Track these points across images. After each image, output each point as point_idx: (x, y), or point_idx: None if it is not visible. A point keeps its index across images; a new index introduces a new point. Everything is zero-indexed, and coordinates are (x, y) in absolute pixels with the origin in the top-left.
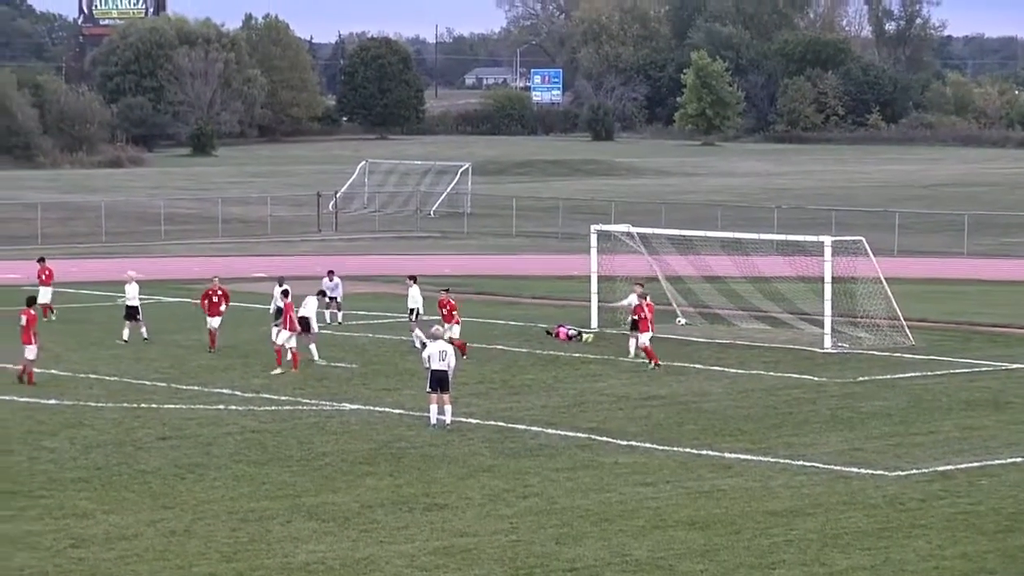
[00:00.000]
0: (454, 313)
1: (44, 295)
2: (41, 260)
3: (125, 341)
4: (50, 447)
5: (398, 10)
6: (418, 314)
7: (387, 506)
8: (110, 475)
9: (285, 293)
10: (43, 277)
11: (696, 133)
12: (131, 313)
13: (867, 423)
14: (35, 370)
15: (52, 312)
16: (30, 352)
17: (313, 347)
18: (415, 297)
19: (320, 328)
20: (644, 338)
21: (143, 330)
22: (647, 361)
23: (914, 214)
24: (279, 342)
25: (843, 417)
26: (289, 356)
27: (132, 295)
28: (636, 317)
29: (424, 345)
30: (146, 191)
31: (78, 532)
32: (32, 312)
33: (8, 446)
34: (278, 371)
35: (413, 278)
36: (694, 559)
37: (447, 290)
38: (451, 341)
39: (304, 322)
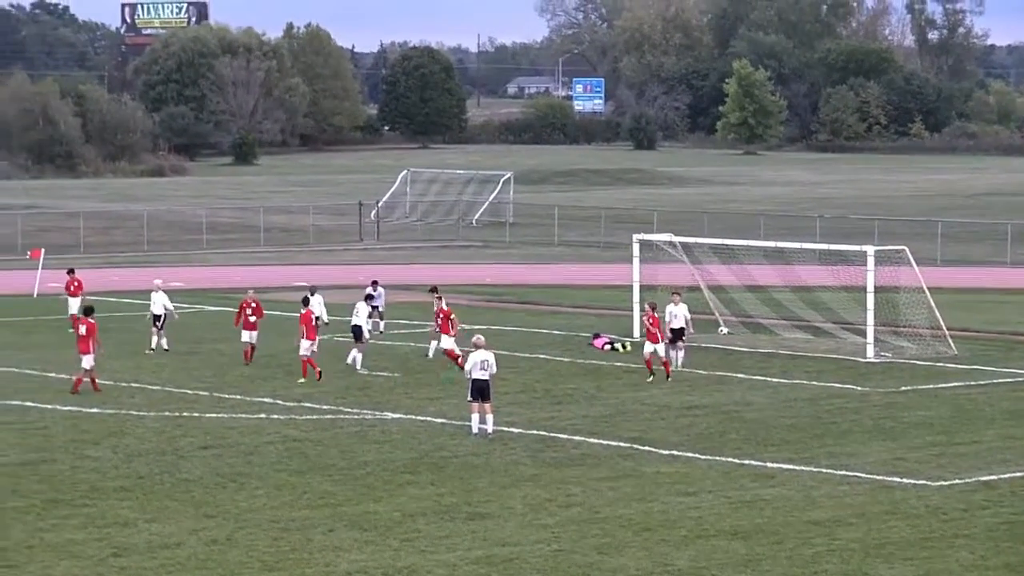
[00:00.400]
0: (451, 320)
1: (73, 306)
2: (71, 271)
3: (153, 350)
4: (93, 456)
5: (440, 19)
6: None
7: (429, 515)
8: (152, 484)
9: (305, 301)
10: (72, 288)
11: (738, 142)
12: (156, 322)
13: (910, 433)
14: (76, 378)
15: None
16: (87, 362)
17: (359, 356)
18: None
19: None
20: (648, 348)
21: (163, 340)
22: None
23: (957, 224)
24: (301, 352)
25: (886, 427)
26: (304, 364)
27: (158, 304)
28: (648, 328)
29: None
30: (188, 200)
31: (120, 541)
32: (91, 321)
33: (51, 455)
34: (302, 380)
35: (435, 289)
36: (736, 569)
37: (439, 296)
38: (445, 352)
39: (356, 331)
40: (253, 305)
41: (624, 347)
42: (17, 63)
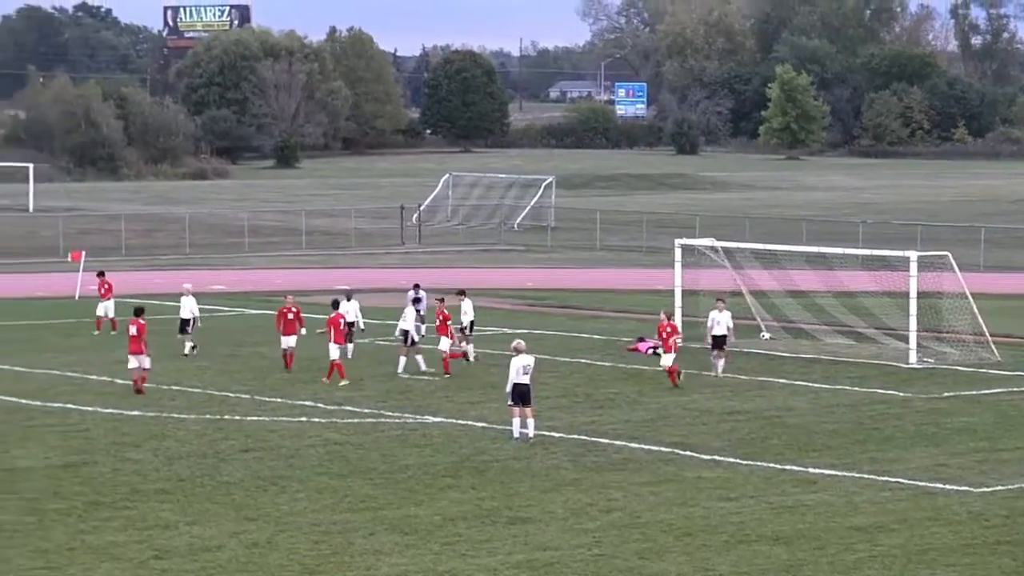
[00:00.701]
0: (448, 324)
1: (104, 309)
2: (100, 274)
3: (186, 355)
4: (134, 458)
5: (482, 23)
6: (472, 327)
7: (469, 519)
8: (193, 486)
9: (335, 304)
10: (103, 291)
11: (781, 147)
12: (183, 326)
13: (952, 439)
14: (120, 381)
15: (115, 327)
16: (142, 361)
17: (403, 360)
18: (466, 311)
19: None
20: (666, 359)
21: (189, 344)
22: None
23: (1001, 229)
24: (332, 356)
25: (928, 433)
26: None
27: (187, 308)
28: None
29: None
30: (230, 203)
31: (161, 543)
32: (142, 322)
33: (92, 457)
34: (344, 383)
35: (462, 292)
36: (778, 574)
37: (442, 299)
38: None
39: (405, 335)
40: (293, 311)
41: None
42: (60, 66)
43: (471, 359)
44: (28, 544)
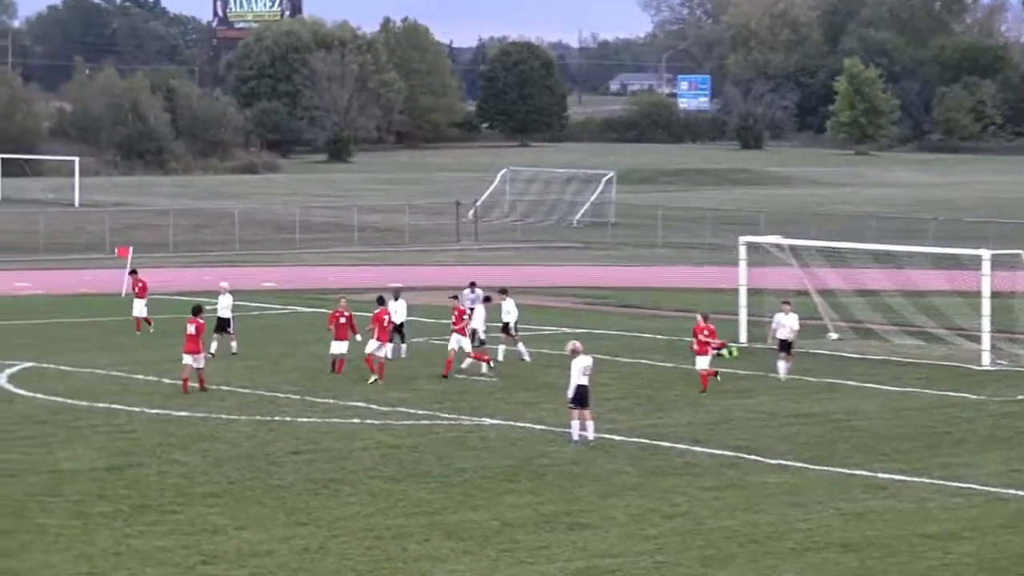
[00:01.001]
0: (463, 319)
1: (138, 308)
2: (133, 272)
3: (212, 354)
4: (181, 460)
5: (540, 15)
6: (516, 327)
7: (528, 525)
8: (242, 490)
9: (380, 301)
10: (137, 289)
11: (848, 142)
12: (222, 325)
13: None
14: (167, 380)
15: (150, 324)
16: (197, 361)
17: (471, 361)
18: (509, 311)
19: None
20: (700, 362)
21: (233, 344)
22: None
23: None
24: (367, 350)
25: (1002, 436)
26: (379, 362)
27: (224, 306)
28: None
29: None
30: (280, 198)
31: (209, 548)
32: (201, 321)
33: (139, 459)
34: (373, 379)
35: (504, 291)
36: None
37: (455, 296)
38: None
39: (473, 333)
40: (346, 315)
41: (731, 352)
42: (107, 57)
43: (525, 359)
44: (72, 548)
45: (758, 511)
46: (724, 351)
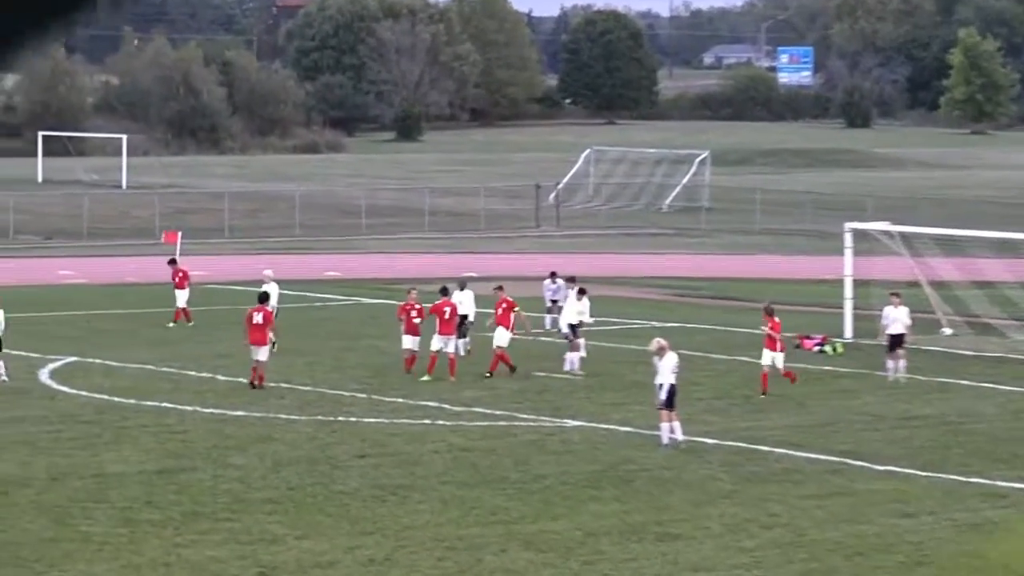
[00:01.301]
0: (510, 313)
1: (180, 299)
2: (172, 262)
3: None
4: (237, 464)
5: None
6: (581, 324)
7: (613, 535)
8: (303, 496)
9: (443, 291)
10: (177, 280)
11: (964, 120)
12: None
13: None
14: (221, 377)
15: (188, 319)
16: (263, 354)
17: (573, 357)
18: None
19: (537, 335)
20: (767, 358)
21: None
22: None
23: None
24: (432, 347)
25: None
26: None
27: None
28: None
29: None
30: (345, 180)
31: (267, 559)
32: (268, 309)
33: (191, 462)
34: (426, 378)
35: (572, 279)
36: None
37: (500, 287)
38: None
39: (574, 328)
40: (417, 308)
41: (835, 349)
42: (157, 27)
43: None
44: (119, 559)
45: (864, 521)
46: (827, 347)
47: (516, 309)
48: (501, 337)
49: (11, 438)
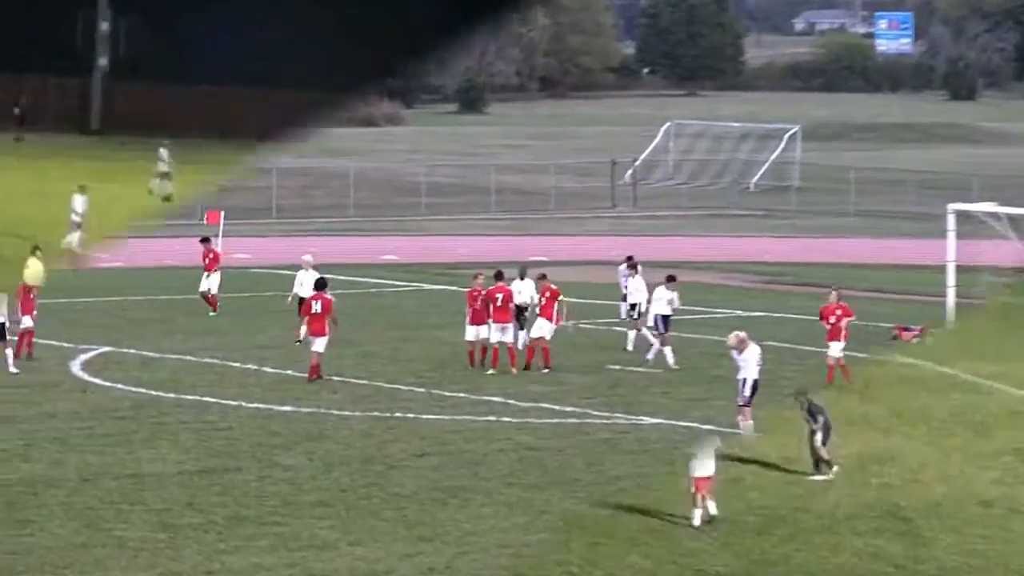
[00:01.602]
0: (554, 302)
1: (208, 283)
2: (205, 240)
3: (299, 341)
4: (285, 464)
5: None
6: (640, 312)
7: None
8: (357, 498)
9: (498, 276)
10: (207, 261)
11: None
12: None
13: None
14: (268, 369)
15: (213, 307)
16: (321, 344)
17: (658, 347)
18: (638, 288)
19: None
20: (833, 349)
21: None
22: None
23: None
24: (493, 339)
25: None
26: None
27: (307, 285)
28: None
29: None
30: (403, 155)
31: (317, 567)
32: (328, 296)
33: (236, 462)
34: (492, 372)
35: (634, 265)
36: None
37: (543, 276)
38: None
39: (663, 321)
40: (483, 294)
41: (929, 340)
42: None
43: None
44: (157, 565)
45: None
46: (929, 339)
47: (560, 298)
48: (543, 328)
49: (40, 435)
